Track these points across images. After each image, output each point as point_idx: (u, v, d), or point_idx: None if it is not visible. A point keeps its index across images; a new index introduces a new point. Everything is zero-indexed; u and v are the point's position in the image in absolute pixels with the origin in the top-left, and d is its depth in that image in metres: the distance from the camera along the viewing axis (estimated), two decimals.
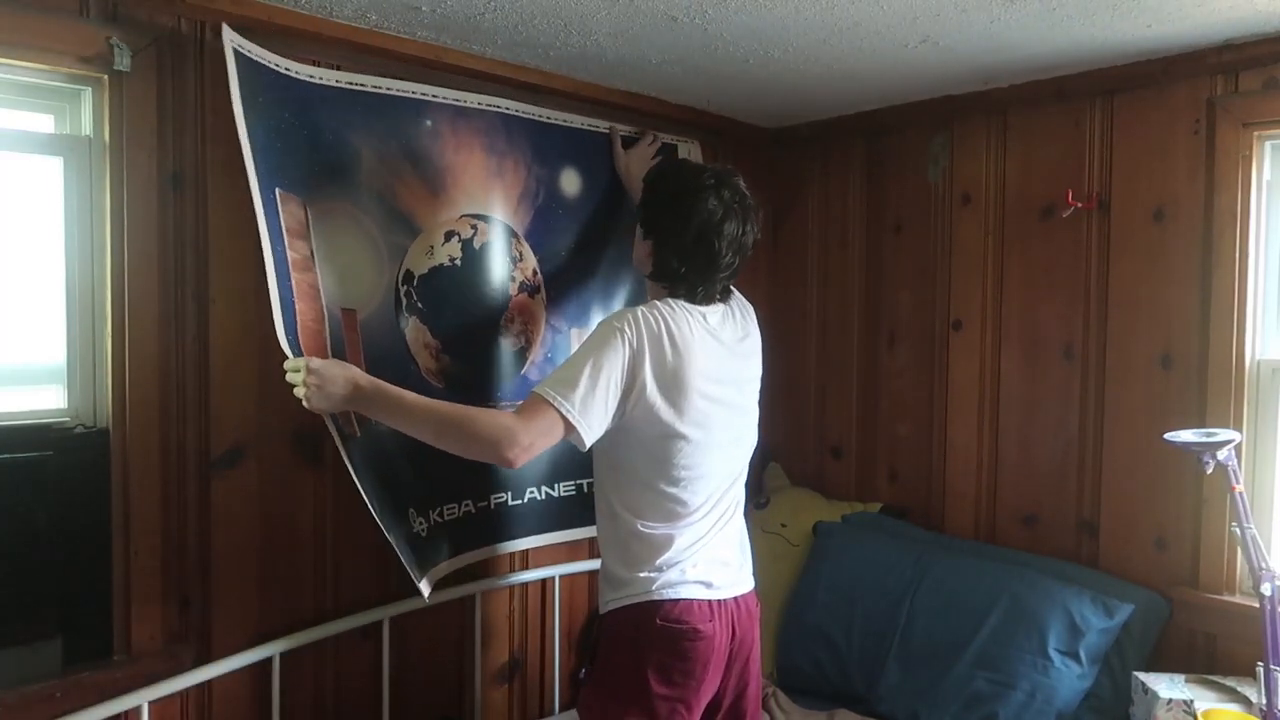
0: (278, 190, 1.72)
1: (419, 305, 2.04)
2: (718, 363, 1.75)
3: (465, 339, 2.12)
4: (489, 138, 2.16)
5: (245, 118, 1.66)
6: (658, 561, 1.71)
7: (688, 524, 1.74)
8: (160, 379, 1.77)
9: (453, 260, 2.08)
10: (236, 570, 1.89)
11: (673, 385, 1.67)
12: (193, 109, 1.79)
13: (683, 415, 1.68)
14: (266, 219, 1.65)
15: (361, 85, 1.95)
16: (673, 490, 1.72)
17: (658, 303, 1.74)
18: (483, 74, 2.17)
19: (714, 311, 1.80)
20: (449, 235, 2.08)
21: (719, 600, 1.74)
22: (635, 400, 1.65)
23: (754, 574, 1.89)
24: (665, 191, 1.80)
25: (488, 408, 2.08)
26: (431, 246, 2.05)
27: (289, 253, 1.72)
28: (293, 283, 1.72)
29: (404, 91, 2.01)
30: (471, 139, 2.13)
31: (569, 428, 1.59)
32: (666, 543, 1.71)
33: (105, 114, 1.71)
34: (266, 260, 1.65)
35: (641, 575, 1.71)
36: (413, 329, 2.03)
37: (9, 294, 1.72)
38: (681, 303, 1.75)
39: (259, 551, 1.93)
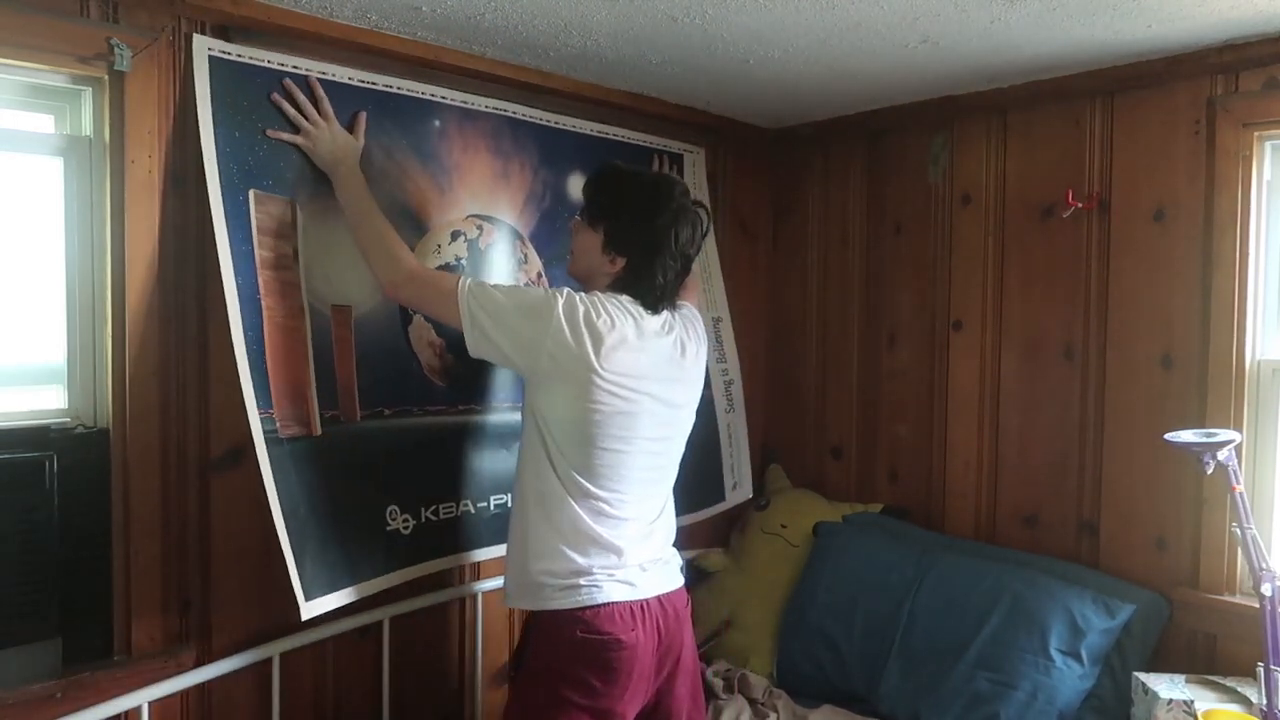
0: (252, 192, 1.77)
1: None
2: (650, 361, 1.73)
3: None
4: (495, 140, 2.21)
5: (223, 122, 1.73)
6: (578, 561, 1.68)
7: (611, 520, 1.71)
8: (160, 379, 1.77)
9: (459, 260, 2.11)
10: (236, 570, 1.89)
11: (587, 367, 1.65)
12: (193, 109, 1.78)
13: (600, 400, 1.66)
14: (229, 219, 1.72)
15: (373, 84, 1.97)
16: (594, 485, 1.70)
17: (600, 295, 1.73)
18: (483, 74, 2.17)
19: (656, 318, 1.78)
20: (455, 235, 2.11)
21: (642, 601, 1.71)
22: (543, 359, 1.66)
23: (683, 572, 1.87)
24: (641, 208, 1.75)
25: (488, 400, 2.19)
26: (439, 245, 2.07)
27: (257, 250, 1.77)
28: (260, 280, 1.76)
29: (413, 91, 2.04)
30: (478, 141, 2.17)
31: (456, 312, 1.68)
32: (590, 537, 1.69)
33: (105, 114, 1.71)
34: (222, 259, 1.70)
35: (561, 579, 1.68)
36: (417, 326, 2.04)
37: (9, 294, 1.72)
38: (626, 299, 1.74)
39: (259, 551, 1.91)
